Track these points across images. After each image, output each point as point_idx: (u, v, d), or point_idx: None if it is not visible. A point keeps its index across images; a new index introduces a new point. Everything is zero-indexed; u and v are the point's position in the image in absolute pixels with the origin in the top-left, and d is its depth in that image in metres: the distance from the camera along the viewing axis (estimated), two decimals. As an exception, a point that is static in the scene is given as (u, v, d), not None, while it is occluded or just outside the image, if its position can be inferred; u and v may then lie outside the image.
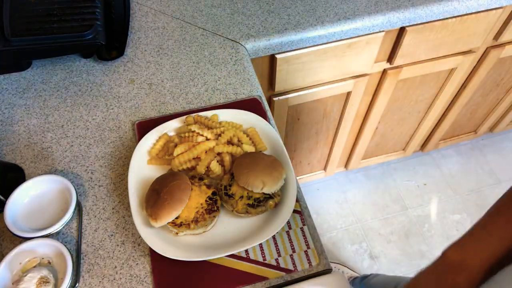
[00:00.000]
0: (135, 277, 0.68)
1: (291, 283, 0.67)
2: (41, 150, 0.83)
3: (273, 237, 0.71)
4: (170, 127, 0.81)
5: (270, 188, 0.69)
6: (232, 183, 0.72)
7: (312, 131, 1.41)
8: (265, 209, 0.69)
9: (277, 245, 0.70)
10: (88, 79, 0.94)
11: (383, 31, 1.10)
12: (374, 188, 1.90)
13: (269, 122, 0.83)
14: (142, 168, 0.76)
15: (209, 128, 0.78)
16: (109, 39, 0.93)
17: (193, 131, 0.76)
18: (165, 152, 0.78)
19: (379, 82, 1.30)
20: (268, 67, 1.09)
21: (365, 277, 1.46)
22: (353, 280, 1.56)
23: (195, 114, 0.82)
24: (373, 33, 1.09)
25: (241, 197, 0.70)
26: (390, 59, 1.22)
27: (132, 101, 0.90)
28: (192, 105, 0.89)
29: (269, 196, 0.70)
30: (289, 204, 0.70)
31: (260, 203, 0.69)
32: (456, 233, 1.74)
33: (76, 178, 0.79)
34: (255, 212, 0.69)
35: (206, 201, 0.69)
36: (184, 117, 0.82)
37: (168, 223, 0.67)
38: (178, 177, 0.69)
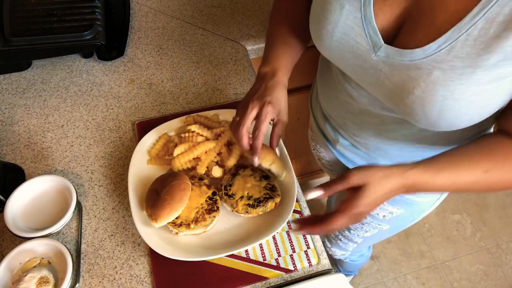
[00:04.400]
0: (135, 277, 0.68)
1: (291, 283, 0.67)
2: (41, 150, 0.83)
3: (273, 237, 0.71)
4: (170, 127, 0.81)
5: (277, 168, 0.70)
6: (232, 183, 0.72)
7: (312, 131, 1.41)
8: (265, 209, 0.69)
9: (277, 245, 0.70)
10: (88, 79, 0.94)
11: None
12: (374, 188, 1.90)
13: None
14: (142, 168, 0.76)
15: (209, 128, 0.78)
16: (109, 39, 0.93)
17: (193, 131, 0.76)
18: (165, 152, 0.78)
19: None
20: (268, 67, 1.09)
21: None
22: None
23: (195, 114, 0.82)
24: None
25: (241, 197, 0.70)
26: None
27: (132, 101, 0.90)
28: (192, 105, 0.89)
29: (269, 196, 0.70)
30: (289, 204, 0.70)
31: (260, 203, 0.69)
32: (456, 233, 1.75)
33: (76, 178, 0.79)
34: (255, 212, 0.69)
35: (206, 201, 0.69)
36: (184, 117, 0.82)
37: (168, 223, 0.67)
38: (178, 177, 0.68)
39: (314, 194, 0.58)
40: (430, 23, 0.51)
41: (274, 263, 0.69)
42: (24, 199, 0.72)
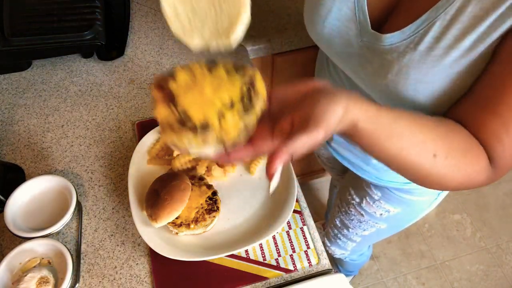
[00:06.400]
0: (135, 277, 0.68)
1: (291, 283, 0.67)
2: (41, 150, 0.82)
3: (273, 237, 0.71)
4: (170, 127, 0.81)
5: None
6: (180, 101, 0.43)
7: (312, 131, 1.41)
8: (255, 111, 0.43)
9: (277, 245, 0.70)
10: (88, 79, 0.94)
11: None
12: (374, 188, 1.90)
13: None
14: (142, 168, 0.76)
15: (209, 128, 0.78)
16: (109, 39, 0.93)
17: (193, 131, 0.76)
18: (165, 152, 0.78)
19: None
20: (268, 67, 1.09)
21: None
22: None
23: (195, 114, 0.82)
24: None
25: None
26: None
27: (132, 101, 0.90)
28: (192, 105, 0.89)
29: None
30: (289, 204, 0.70)
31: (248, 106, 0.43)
32: (456, 233, 1.74)
33: (76, 178, 0.79)
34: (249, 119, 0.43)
35: (206, 201, 0.69)
36: (184, 117, 0.81)
37: (168, 223, 0.67)
38: (178, 177, 0.68)
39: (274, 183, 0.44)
40: (411, 7, 0.51)
41: (274, 263, 0.69)
42: (24, 199, 0.72)
